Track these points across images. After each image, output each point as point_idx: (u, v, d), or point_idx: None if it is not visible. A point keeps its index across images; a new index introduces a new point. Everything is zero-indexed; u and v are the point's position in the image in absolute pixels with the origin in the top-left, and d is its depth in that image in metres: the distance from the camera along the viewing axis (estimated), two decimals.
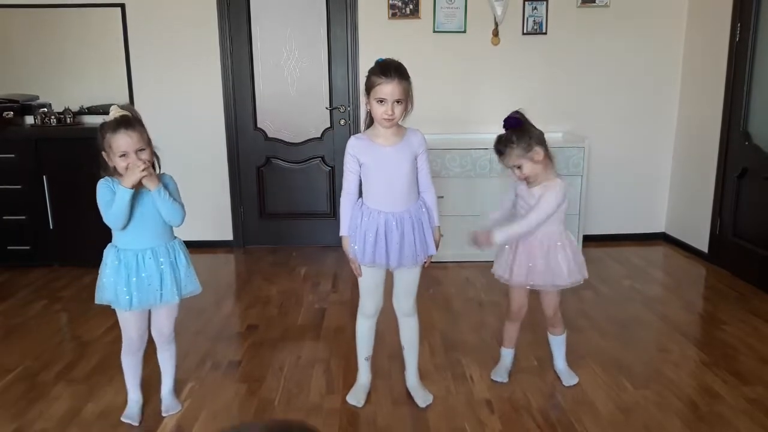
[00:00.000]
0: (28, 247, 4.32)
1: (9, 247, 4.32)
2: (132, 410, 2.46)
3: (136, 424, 2.42)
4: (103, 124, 2.19)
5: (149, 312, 2.40)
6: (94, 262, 4.33)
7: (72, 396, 2.65)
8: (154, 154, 2.26)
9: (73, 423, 2.45)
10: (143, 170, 2.15)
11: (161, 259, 2.29)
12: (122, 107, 2.23)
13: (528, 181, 2.48)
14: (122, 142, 2.14)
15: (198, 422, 2.44)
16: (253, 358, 2.99)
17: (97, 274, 2.32)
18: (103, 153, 2.20)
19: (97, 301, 2.31)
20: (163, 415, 2.48)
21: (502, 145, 2.46)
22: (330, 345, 3.12)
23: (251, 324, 3.41)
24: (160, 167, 2.33)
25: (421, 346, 2.69)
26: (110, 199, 2.19)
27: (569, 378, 2.72)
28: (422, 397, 2.57)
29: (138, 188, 2.20)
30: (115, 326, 3.32)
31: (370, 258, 2.36)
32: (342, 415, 2.48)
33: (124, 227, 2.22)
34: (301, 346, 3.12)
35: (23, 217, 4.27)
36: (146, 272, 2.26)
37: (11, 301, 3.76)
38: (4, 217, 4.28)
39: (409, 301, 2.52)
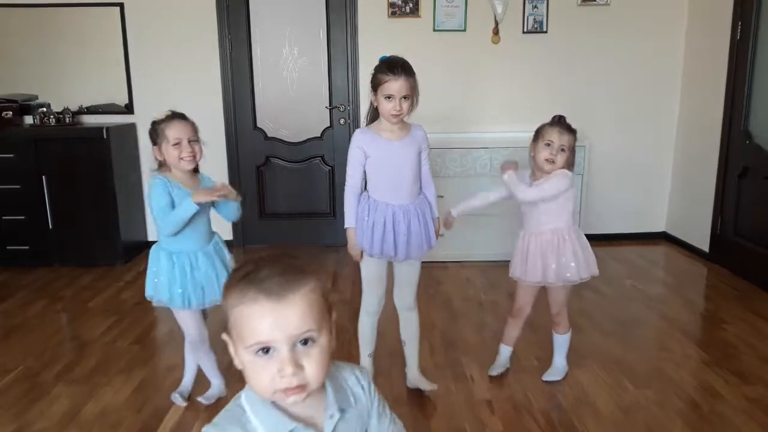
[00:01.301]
0: (27, 247, 4.31)
1: (8, 247, 4.31)
2: (213, 392, 2.59)
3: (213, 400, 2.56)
4: (156, 119, 2.30)
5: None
6: (93, 261, 4.41)
7: (72, 396, 2.64)
8: (201, 149, 2.38)
9: (73, 423, 2.44)
10: (219, 196, 2.24)
11: (212, 259, 2.40)
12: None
13: (547, 165, 2.46)
14: (177, 129, 2.26)
15: (198, 422, 2.44)
16: None
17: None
18: (155, 148, 2.29)
19: (154, 303, 2.40)
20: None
21: (565, 123, 2.49)
22: None
23: None
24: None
25: (421, 346, 2.69)
26: (167, 202, 2.24)
27: (551, 373, 2.71)
28: (427, 384, 2.59)
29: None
30: (114, 326, 3.35)
31: (378, 250, 2.37)
32: None
33: (177, 234, 2.28)
34: None
35: (22, 217, 4.25)
36: (200, 272, 2.34)
37: (11, 301, 3.75)
38: (4, 217, 4.26)
39: (411, 295, 2.54)
